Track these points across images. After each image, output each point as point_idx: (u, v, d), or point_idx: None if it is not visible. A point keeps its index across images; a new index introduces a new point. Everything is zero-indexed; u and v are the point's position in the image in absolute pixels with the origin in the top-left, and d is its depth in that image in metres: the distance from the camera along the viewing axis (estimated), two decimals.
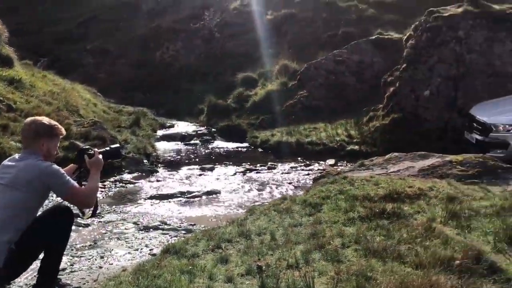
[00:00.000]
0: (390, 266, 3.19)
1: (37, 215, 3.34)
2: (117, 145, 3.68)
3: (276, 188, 8.32)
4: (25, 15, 27.58)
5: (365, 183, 5.11)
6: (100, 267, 4.24)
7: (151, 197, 7.60)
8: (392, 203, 4.40)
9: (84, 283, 3.83)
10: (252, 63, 17.58)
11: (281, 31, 18.20)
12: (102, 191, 7.73)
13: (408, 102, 11.02)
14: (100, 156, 3.53)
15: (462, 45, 10.81)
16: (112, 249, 4.81)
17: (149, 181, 8.71)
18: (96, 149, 3.60)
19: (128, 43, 23.26)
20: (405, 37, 12.41)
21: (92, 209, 3.64)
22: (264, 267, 3.36)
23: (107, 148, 3.70)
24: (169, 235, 5.49)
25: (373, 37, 15.26)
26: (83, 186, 3.49)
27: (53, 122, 3.46)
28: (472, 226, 3.89)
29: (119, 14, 26.27)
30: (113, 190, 7.98)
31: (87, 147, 3.66)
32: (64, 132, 3.50)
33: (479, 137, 8.33)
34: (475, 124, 8.64)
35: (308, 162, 10.37)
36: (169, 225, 6.03)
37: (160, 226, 5.92)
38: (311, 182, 7.51)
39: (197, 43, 21.81)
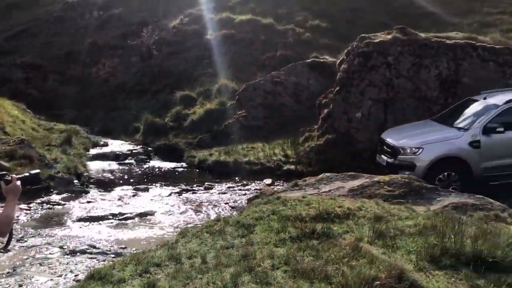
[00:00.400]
0: (318, 287, 3.22)
1: None
2: (37, 170, 3.49)
3: (212, 208, 8.24)
4: None
5: (298, 203, 5.17)
6: None
7: (80, 219, 7.29)
8: (322, 223, 4.48)
9: None
10: (191, 82, 17.50)
11: (220, 51, 18.29)
12: (27, 213, 7.31)
13: (341, 124, 11.37)
14: (18, 183, 3.33)
15: (392, 70, 11.36)
16: (33, 276, 4.54)
17: (79, 202, 8.35)
18: (14, 175, 3.39)
19: (62, 58, 22.43)
20: (338, 61, 12.86)
21: (6, 239, 3.40)
22: None
23: (26, 174, 3.49)
24: (97, 260, 5.28)
25: (309, 60, 15.70)
26: None
27: None
28: (397, 245, 4.03)
29: (53, 28, 25.36)
30: (39, 212, 7.57)
31: (4, 172, 3.44)
32: None
33: (389, 160, 8.78)
34: (385, 147, 9.11)
35: (245, 182, 10.39)
36: (98, 248, 5.80)
37: (88, 250, 5.68)
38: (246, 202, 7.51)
39: (135, 60, 21.43)
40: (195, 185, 10.00)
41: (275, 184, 10.20)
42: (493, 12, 19.62)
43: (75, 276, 4.59)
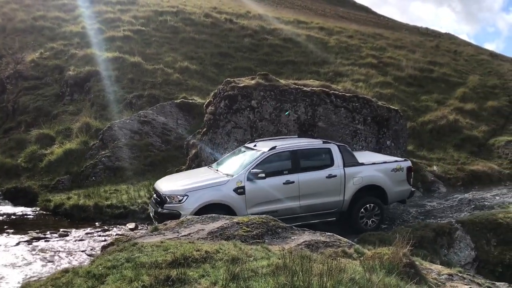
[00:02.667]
0: None
1: None
2: None
3: (66, 257, 7.62)
4: None
5: (155, 249, 4.99)
6: None
7: None
8: (178, 269, 4.36)
9: None
10: (50, 119, 16.34)
11: (84, 87, 17.47)
12: None
13: (208, 164, 11.47)
14: None
15: (255, 113, 11.89)
16: None
17: None
18: None
19: None
20: (206, 102, 13.11)
21: None
22: None
23: None
24: None
25: (178, 101, 15.78)
26: None
27: None
28: (250, 287, 4.07)
29: None
30: None
31: None
32: None
33: (157, 209, 8.49)
34: (155, 196, 8.95)
35: (106, 227, 9.83)
36: None
37: None
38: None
39: None
40: (48, 232, 9.19)
41: (139, 228, 9.82)
42: (345, 63, 21.86)
43: None
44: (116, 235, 9.13)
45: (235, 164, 9.22)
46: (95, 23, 22.06)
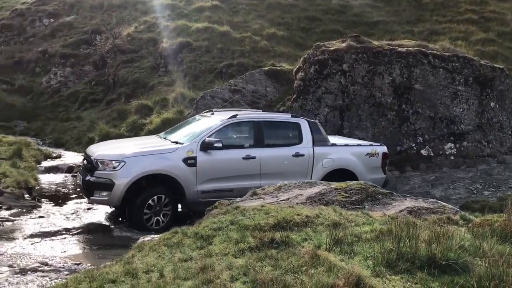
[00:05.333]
0: None
1: None
2: None
3: None
4: None
5: (256, 213, 5.14)
6: None
7: (31, 236, 6.96)
8: (281, 232, 4.46)
9: None
10: (147, 90, 17.22)
11: (176, 59, 18.12)
12: None
13: None
14: None
15: (347, 77, 11.61)
16: None
17: (30, 218, 7.99)
18: None
19: (10, 68, 21.60)
20: (295, 69, 13.01)
21: None
22: None
23: None
24: (50, 278, 5.06)
25: (266, 68, 15.81)
26: None
27: None
28: (354, 252, 4.07)
29: (0, 37, 24.39)
30: None
31: None
32: None
33: (86, 177, 7.35)
34: (85, 162, 7.78)
35: None
36: (51, 266, 5.55)
37: (40, 268, 5.43)
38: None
39: (88, 69, 20.93)
40: None
41: None
42: (442, 21, 20.43)
43: None
44: None
45: (187, 132, 8.15)
46: None
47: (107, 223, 7.87)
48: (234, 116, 8.02)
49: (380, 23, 20.27)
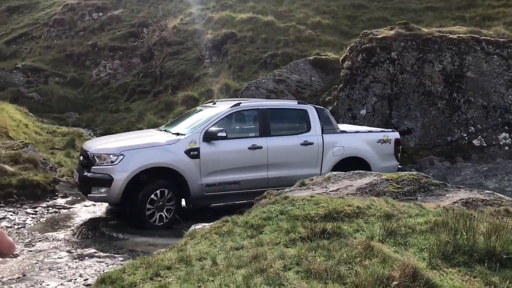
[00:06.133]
0: (331, 287, 3.18)
1: None
2: None
3: None
4: None
5: (306, 203, 5.12)
6: None
7: (86, 223, 7.25)
8: (332, 223, 4.43)
9: None
10: (193, 82, 17.47)
11: (221, 50, 18.26)
12: (33, 218, 7.29)
13: (346, 121, 11.33)
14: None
15: (395, 66, 11.33)
16: (43, 281, 4.51)
17: (85, 206, 8.32)
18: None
19: (62, 61, 22.44)
20: (342, 57, 12.82)
21: None
22: None
23: None
24: (106, 263, 5.25)
25: (311, 58, 15.68)
26: None
27: None
28: (408, 243, 3.99)
29: (52, 31, 25.35)
30: (45, 216, 7.53)
31: None
32: None
33: (83, 173, 6.93)
34: (82, 158, 7.30)
35: None
36: (106, 252, 5.76)
37: (96, 254, 5.65)
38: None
39: (136, 61, 21.44)
40: None
41: None
42: (495, 5, 19.51)
43: (85, 280, 4.55)
44: None
45: (188, 124, 7.70)
46: None
47: None
48: (238, 104, 7.60)
49: (429, 10, 19.61)
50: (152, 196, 6.74)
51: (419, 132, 10.94)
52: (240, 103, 7.66)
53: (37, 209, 7.72)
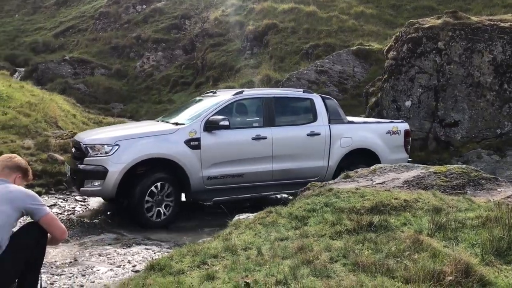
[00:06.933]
0: (380, 281, 3.14)
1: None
2: None
3: None
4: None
5: (351, 195, 5.07)
6: (82, 286, 4.11)
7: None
8: (379, 216, 4.37)
9: None
10: (234, 73, 17.55)
11: (262, 41, 18.24)
12: (82, 205, 7.55)
13: (390, 112, 11.11)
14: None
15: (442, 56, 10.98)
16: (94, 266, 4.67)
17: None
18: None
19: (107, 53, 23.04)
20: (386, 48, 12.54)
21: None
22: (252, 283, 3.28)
23: None
24: (152, 250, 5.37)
25: (354, 48, 15.44)
26: None
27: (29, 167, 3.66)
28: (459, 238, 3.88)
29: (98, 24, 26.04)
30: (93, 203, 7.79)
31: None
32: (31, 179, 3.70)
33: (75, 166, 6.50)
34: (74, 150, 6.80)
35: None
36: (153, 240, 5.90)
37: (143, 241, 5.79)
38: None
39: (178, 53, 21.74)
40: None
41: None
42: None
43: (133, 266, 4.68)
44: None
45: (188, 113, 7.29)
46: None
47: None
48: (241, 92, 7.26)
49: None
50: (152, 188, 6.34)
51: (467, 124, 10.59)
52: (243, 91, 7.36)
53: (85, 197, 7.98)
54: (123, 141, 6.26)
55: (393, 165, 6.11)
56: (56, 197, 7.68)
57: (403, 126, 8.13)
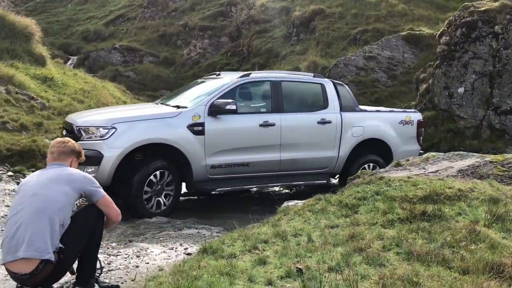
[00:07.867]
0: (436, 271, 3.09)
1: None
2: None
3: None
4: (53, 14, 28.17)
5: (403, 184, 4.97)
6: (137, 266, 4.25)
7: (184, 195, 7.58)
8: (432, 205, 4.27)
9: (122, 282, 3.84)
10: (279, 60, 17.49)
11: (309, 27, 18.04)
12: None
13: (441, 99, 10.77)
14: None
15: (499, 41, 10.51)
16: (148, 248, 4.82)
17: None
18: None
19: (155, 41, 23.48)
20: (438, 32, 12.11)
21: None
22: (304, 269, 3.31)
23: None
24: (203, 234, 5.49)
25: (404, 33, 15.02)
26: None
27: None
28: None
29: (146, 12, 26.53)
30: None
31: None
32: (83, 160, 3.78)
33: None
34: (65, 132, 6.18)
35: None
36: (204, 224, 6.03)
37: (194, 225, 5.93)
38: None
39: (224, 40, 21.86)
40: None
41: None
42: None
43: (185, 249, 4.81)
44: None
45: (190, 96, 6.81)
46: None
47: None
48: (247, 74, 6.81)
49: None
50: (152, 177, 5.90)
51: None
52: (250, 73, 6.93)
53: None
54: (120, 123, 5.76)
55: (446, 153, 5.94)
56: None
57: (416, 116, 7.80)
